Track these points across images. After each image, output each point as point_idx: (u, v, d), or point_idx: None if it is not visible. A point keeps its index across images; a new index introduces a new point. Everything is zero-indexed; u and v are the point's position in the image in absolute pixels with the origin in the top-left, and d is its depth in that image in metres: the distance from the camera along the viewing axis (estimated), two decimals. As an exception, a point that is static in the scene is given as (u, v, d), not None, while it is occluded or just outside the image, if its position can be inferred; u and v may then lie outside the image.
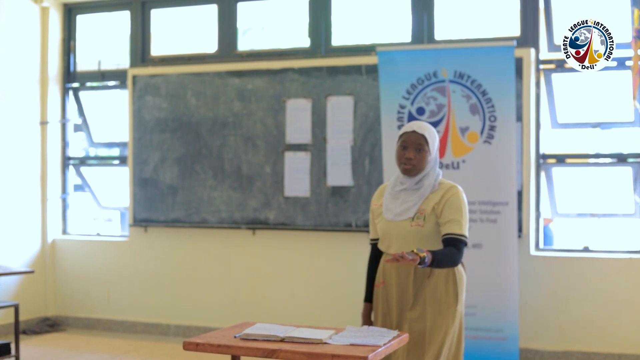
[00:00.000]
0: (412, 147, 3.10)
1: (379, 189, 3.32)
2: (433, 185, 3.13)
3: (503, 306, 4.93)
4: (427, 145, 3.09)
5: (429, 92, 5.07)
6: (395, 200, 3.15)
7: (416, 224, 3.08)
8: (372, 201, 3.29)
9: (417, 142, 3.09)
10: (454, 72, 5.01)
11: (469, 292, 4.97)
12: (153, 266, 6.40)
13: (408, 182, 3.13)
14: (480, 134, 4.97)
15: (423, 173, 3.12)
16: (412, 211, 3.10)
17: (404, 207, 3.12)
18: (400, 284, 3.13)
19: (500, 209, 4.94)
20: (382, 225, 3.18)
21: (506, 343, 4.93)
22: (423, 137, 3.09)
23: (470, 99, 4.99)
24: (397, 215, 3.12)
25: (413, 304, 3.11)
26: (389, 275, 3.18)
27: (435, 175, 3.15)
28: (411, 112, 5.11)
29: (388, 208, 3.16)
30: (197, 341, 2.74)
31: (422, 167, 3.11)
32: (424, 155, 3.10)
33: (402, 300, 3.13)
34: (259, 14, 6.43)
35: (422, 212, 3.09)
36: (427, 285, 3.10)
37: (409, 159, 3.09)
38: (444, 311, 3.09)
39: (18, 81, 6.43)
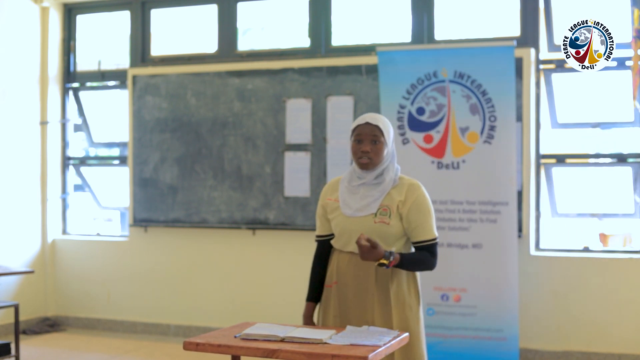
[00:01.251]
0: (367, 139, 2.96)
1: (330, 183, 3.15)
2: (394, 181, 3.01)
3: (503, 306, 4.93)
4: (382, 136, 2.96)
5: (429, 92, 5.07)
6: (353, 196, 3.01)
7: (381, 221, 2.95)
8: (323, 196, 3.13)
9: (372, 134, 2.95)
10: (454, 72, 5.01)
11: (469, 292, 5.01)
12: (153, 266, 6.40)
13: (367, 176, 3.00)
14: (480, 134, 4.97)
15: (382, 166, 2.99)
16: (373, 207, 2.97)
17: (364, 202, 2.98)
18: (360, 284, 2.99)
19: (500, 209, 4.94)
20: (339, 221, 3.03)
21: (506, 343, 4.93)
22: (377, 128, 2.96)
23: (470, 99, 4.99)
24: (358, 211, 2.98)
25: (377, 306, 2.97)
26: (345, 275, 3.03)
27: (395, 169, 3.03)
28: (411, 112, 5.11)
29: (346, 203, 3.01)
30: (197, 341, 2.73)
31: (380, 160, 2.98)
32: (380, 147, 2.96)
33: (364, 302, 2.99)
34: (259, 14, 6.43)
35: (386, 209, 2.96)
36: (391, 287, 2.98)
37: (366, 152, 2.95)
38: (407, 312, 3.00)
39: (18, 81, 6.43)
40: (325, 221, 3.12)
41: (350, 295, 3.02)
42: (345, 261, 3.04)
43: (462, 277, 5.00)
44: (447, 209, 5.04)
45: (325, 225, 3.13)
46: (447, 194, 5.03)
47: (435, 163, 5.06)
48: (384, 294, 2.98)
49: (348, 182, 3.05)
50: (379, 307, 2.98)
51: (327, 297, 3.10)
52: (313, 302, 3.16)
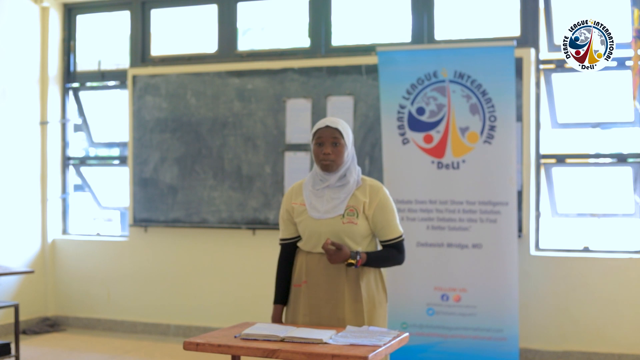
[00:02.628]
0: (327, 142, 3.06)
1: (293, 187, 3.24)
2: (357, 182, 3.12)
3: (503, 306, 4.93)
4: (342, 138, 3.07)
5: (429, 92, 5.07)
6: (319, 199, 3.10)
7: (349, 221, 3.05)
8: (287, 200, 3.21)
9: (332, 136, 3.05)
10: (454, 72, 5.01)
11: (469, 292, 5.01)
12: (153, 266, 6.41)
13: (330, 178, 3.10)
14: (480, 134, 4.97)
15: (343, 168, 3.09)
16: (340, 208, 3.07)
17: (331, 204, 3.08)
18: (331, 283, 3.08)
19: (500, 209, 4.94)
20: (307, 224, 3.11)
21: (506, 343, 4.93)
22: (337, 131, 3.06)
23: (470, 99, 4.99)
24: (325, 213, 3.07)
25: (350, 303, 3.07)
26: (315, 274, 3.12)
27: (357, 171, 3.14)
28: (411, 112, 5.11)
29: (313, 206, 3.10)
30: (197, 341, 2.74)
31: (341, 162, 3.08)
32: (340, 149, 3.06)
33: (335, 300, 3.08)
34: (259, 14, 6.43)
35: (353, 210, 3.07)
36: (361, 284, 3.08)
37: (327, 154, 3.06)
38: (377, 308, 3.11)
39: (18, 81, 6.43)
40: (290, 225, 3.21)
41: (321, 294, 3.11)
42: (315, 261, 3.13)
43: (462, 277, 5.00)
44: (447, 209, 5.04)
45: (290, 228, 3.21)
46: (447, 194, 5.03)
47: (435, 163, 5.06)
48: (354, 291, 3.08)
49: (312, 185, 3.15)
50: (350, 304, 3.07)
51: (296, 296, 3.19)
52: (281, 304, 3.25)
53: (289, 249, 3.23)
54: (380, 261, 3.11)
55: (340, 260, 2.98)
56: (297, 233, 3.19)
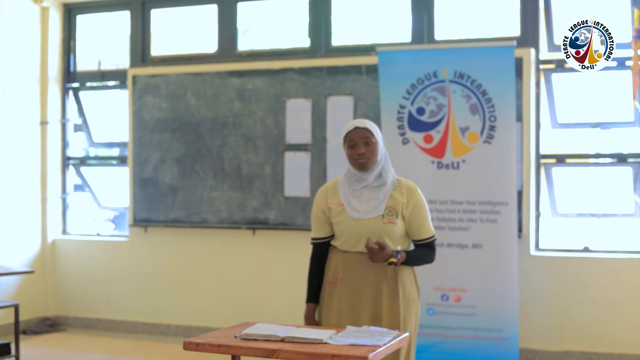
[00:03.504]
0: (360, 142, 3.13)
1: (327, 187, 3.28)
2: (393, 182, 3.19)
3: (503, 306, 4.93)
4: (373, 136, 3.15)
5: (429, 92, 5.07)
6: (358, 199, 3.16)
7: (389, 221, 3.13)
8: (322, 200, 3.24)
9: (363, 136, 3.14)
10: (454, 72, 5.01)
11: (469, 292, 5.01)
12: (153, 266, 6.40)
13: (367, 177, 3.16)
14: (480, 134, 4.97)
15: (379, 167, 3.16)
16: (380, 208, 3.14)
17: (371, 204, 3.15)
18: (369, 281, 3.15)
19: (500, 209, 4.94)
20: (346, 224, 3.17)
21: (506, 343, 4.93)
22: (367, 130, 3.14)
23: (470, 99, 4.99)
24: (366, 213, 3.14)
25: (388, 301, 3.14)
26: (352, 273, 3.18)
27: (392, 172, 3.21)
28: (411, 112, 5.11)
29: (352, 206, 3.16)
30: (197, 341, 2.74)
31: (376, 159, 3.15)
32: (373, 147, 3.14)
33: (373, 297, 3.14)
34: (259, 14, 6.43)
35: (392, 210, 3.14)
36: (399, 282, 3.16)
37: (361, 154, 3.12)
38: (411, 306, 3.19)
39: (18, 81, 6.43)
40: (325, 224, 3.25)
41: (359, 292, 3.16)
42: (353, 260, 3.18)
43: (462, 277, 5.01)
44: (447, 209, 5.04)
45: (324, 228, 3.25)
46: (447, 194, 5.03)
47: (435, 163, 5.06)
48: (392, 289, 3.15)
49: (348, 186, 3.20)
50: (387, 302, 3.14)
51: (330, 294, 3.23)
52: (314, 303, 3.29)
53: (322, 248, 3.28)
54: (417, 260, 3.22)
55: (383, 259, 3.06)
56: (331, 232, 3.25)
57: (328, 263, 3.26)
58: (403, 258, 3.12)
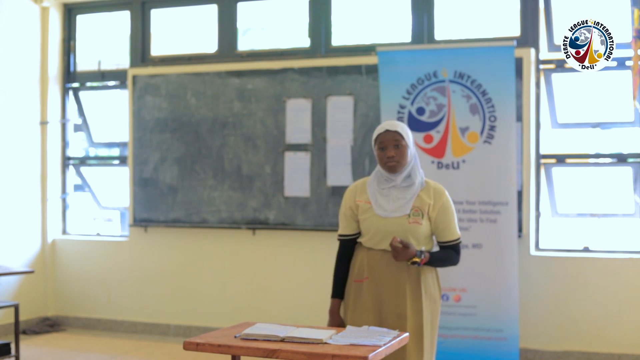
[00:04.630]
0: (390, 145, 3.17)
1: (356, 185, 3.33)
2: (421, 184, 3.23)
3: (503, 306, 4.94)
4: (403, 139, 3.18)
5: (429, 92, 5.07)
6: (385, 198, 3.20)
7: (414, 221, 3.17)
8: (350, 197, 3.29)
9: (394, 139, 3.18)
10: (454, 72, 5.01)
11: (469, 292, 5.01)
12: (153, 266, 6.40)
13: (396, 178, 3.20)
14: (480, 134, 4.97)
15: (408, 168, 3.20)
16: (407, 208, 3.18)
17: (398, 204, 3.18)
18: (393, 280, 3.19)
19: (500, 209, 4.94)
20: (372, 221, 3.21)
21: (506, 343, 4.93)
22: (397, 133, 3.18)
23: (470, 99, 4.99)
24: (392, 212, 3.18)
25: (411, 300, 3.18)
26: (377, 271, 3.22)
27: (421, 173, 3.25)
28: (411, 112, 5.11)
29: (379, 205, 3.20)
30: (197, 341, 2.74)
31: (405, 162, 3.19)
32: (402, 150, 3.18)
33: (397, 296, 3.18)
34: (259, 14, 6.43)
35: (418, 210, 3.18)
36: (422, 281, 3.20)
37: (391, 157, 3.17)
38: (433, 305, 3.24)
39: (18, 81, 6.43)
40: (352, 222, 3.30)
41: (384, 290, 3.20)
42: (377, 258, 3.22)
43: (462, 277, 5.00)
44: (447, 209, 5.03)
45: (352, 225, 3.30)
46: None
47: (435, 163, 5.06)
48: (415, 288, 3.19)
49: (377, 184, 3.24)
50: (411, 301, 3.18)
51: (357, 292, 3.26)
52: (339, 298, 3.32)
53: (348, 245, 3.33)
54: (440, 261, 3.25)
55: (406, 258, 3.10)
56: (358, 230, 3.29)
57: (354, 261, 3.30)
58: (426, 258, 3.15)
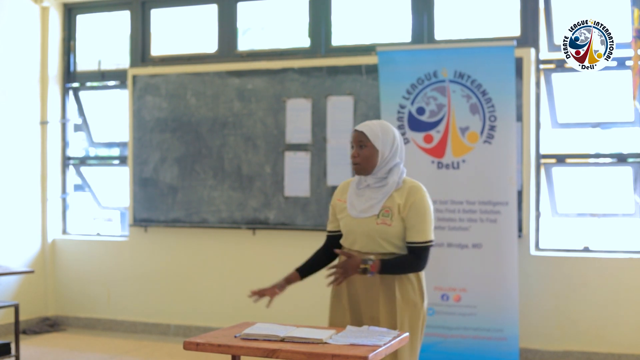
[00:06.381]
0: (355, 145, 3.12)
1: (342, 184, 3.30)
2: (397, 183, 3.12)
3: (503, 306, 4.93)
4: (368, 141, 3.09)
5: (429, 92, 5.07)
6: (359, 198, 3.15)
7: (382, 222, 3.07)
8: (334, 196, 3.29)
9: (358, 140, 3.11)
10: (454, 72, 5.01)
11: (469, 292, 5.01)
12: (153, 266, 6.40)
13: (369, 179, 3.14)
14: (480, 134, 4.97)
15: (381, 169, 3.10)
16: (376, 208, 3.09)
17: (368, 204, 3.11)
18: (367, 282, 3.11)
19: (500, 209, 4.94)
20: (346, 221, 3.18)
21: (506, 343, 4.93)
22: (362, 134, 3.10)
23: (470, 99, 4.99)
24: (362, 212, 3.11)
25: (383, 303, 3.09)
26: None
27: (399, 172, 3.14)
28: (411, 112, 5.11)
29: (352, 205, 3.16)
30: (198, 341, 2.74)
31: (370, 164, 3.10)
32: (366, 152, 3.09)
33: (370, 299, 3.12)
34: (259, 14, 6.43)
35: (388, 211, 3.08)
36: (396, 285, 3.09)
37: (354, 157, 3.12)
38: (412, 310, 3.10)
39: (18, 81, 6.43)
40: (334, 219, 3.29)
41: (358, 291, 3.15)
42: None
43: (462, 277, 5.00)
44: (447, 209, 5.04)
45: (334, 222, 3.30)
46: (447, 194, 5.03)
47: (435, 163, 5.06)
48: (388, 291, 3.10)
49: (356, 184, 3.20)
50: (384, 303, 3.10)
51: (337, 291, 3.24)
52: (298, 273, 3.34)
53: (332, 241, 3.30)
54: (396, 267, 3.08)
55: (354, 268, 3.01)
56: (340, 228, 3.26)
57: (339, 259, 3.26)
58: (377, 265, 3.00)
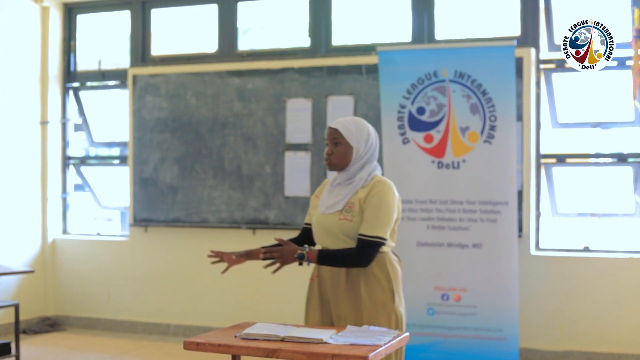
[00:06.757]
0: (329, 142, 3.11)
1: (324, 181, 3.29)
2: (365, 180, 3.09)
3: (503, 306, 4.93)
4: (342, 138, 3.07)
5: (429, 92, 5.07)
6: (329, 194, 3.15)
7: (344, 218, 3.05)
8: (315, 191, 3.29)
9: (332, 137, 3.09)
10: (454, 71, 5.01)
11: (469, 291, 5.01)
12: (153, 266, 6.40)
13: (341, 177, 3.12)
14: (481, 134, 4.97)
15: (352, 167, 3.09)
16: (340, 204, 3.08)
17: (334, 200, 3.10)
18: (334, 280, 3.10)
19: (500, 209, 4.94)
20: (315, 217, 3.17)
21: (506, 343, 4.93)
22: (336, 131, 3.07)
23: (470, 99, 4.99)
24: (328, 208, 3.11)
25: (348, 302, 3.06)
26: (324, 270, 3.14)
27: (370, 169, 3.11)
28: (411, 112, 5.11)
29: (322, 201, 3.16)
30: (198, 341, 2.74)
31: (343, 162, 3.09)
32: (340, 149, 3.07)
33: (337, 297, 3.10)
34: (259, 14, 6.43)
35: (352, 206, 3.06)
36: (361, 283, 3.05)
37: (328, 154, 3.11)
38: (379, 310, 3.04)
39: (18, 81, 6.43)
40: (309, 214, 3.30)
41: (328, 290, 3.14)
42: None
43: (462, 277, 5.00)
44: (447, 208, 5.04)
45: (309, 216, 3.30)
46: (447, 193, 5.03)
47: (436, 163, 5.06)
48: (354, 291, 3.07)
49: (331, 182, 3.20)
50: (349, 302, 3.07)
51: (310, 289, 3.25)
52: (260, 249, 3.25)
53: (307, 233, 3.28)
54: (335, 258, 3.04)
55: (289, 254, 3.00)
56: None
57: None
58: (314, 254, 3.00)
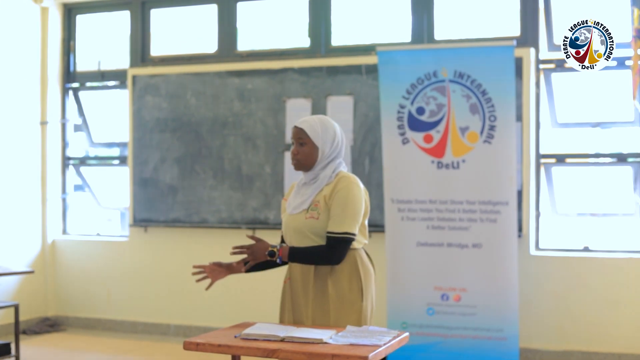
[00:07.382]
0: (295, 142, 3.09)
1: (293, 183, 3.26)
2: (329, 177, 3.07)
3: (503, 306, 4.93)
4: (308, 138, 3.04)
5: (429, 92, 5.07)
6: (296, 195, 3.14)
7: (310, 216, 3.03)
8: (284, 197, 3.27)
9: (298, 136, 3.07)
10: (454, 71, 5.01)
11: (469, 291, 5.01)
12: (153, 266, 6.40)
13: (306, 177, 3.10)
14: (480, 134, 4.97)
15: (318, 166, 3.07)
16: (306, 203, 3.06)
17: (300, 200, 3.08)
18: (304, 280, 3.08)
19: (500, 209, 4.94)
20: (284, 219, 3.16)
21: (506, 343, 4.93)
22: (302, 131, 3.05)
23: (470, 99, 4.99)
24: (295, 209, 3.09)
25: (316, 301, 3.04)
26: (294, 271, 3.13)
27: (334, 166, 3.08)
28: (411, 112, 5.11)
29: (289, 203, 3.15)
30: (198, 341, 2.74)
31: (309, 162, 3.07)
32: (306, 149, 3.05)
33: (306, 298, 3.07)
34: (259, 14, 6.43)
35: (317, 204, 3.03)
36: (330, 282, 3.04)
37: (294, 154, 3.09)
38: (347, 308, 3.01)
39: (18, 81, 6.43)
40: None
41: (299, 291, 3.12)
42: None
43: (462, 277, 5.00)
44: (447, 208, 5.04)
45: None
46: (447, 193, 5.03)
47: (435, 163, 5.06)
48: (321, 290, 3.05)
49: (298, 183, 3.19)
50: (317, 301, 3.05)
51: (283, 291, 3.22)
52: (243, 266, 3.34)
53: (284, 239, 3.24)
54: (306, 255, 3.02)
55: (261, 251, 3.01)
56: None
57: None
58: (286, 251, 2.99)
